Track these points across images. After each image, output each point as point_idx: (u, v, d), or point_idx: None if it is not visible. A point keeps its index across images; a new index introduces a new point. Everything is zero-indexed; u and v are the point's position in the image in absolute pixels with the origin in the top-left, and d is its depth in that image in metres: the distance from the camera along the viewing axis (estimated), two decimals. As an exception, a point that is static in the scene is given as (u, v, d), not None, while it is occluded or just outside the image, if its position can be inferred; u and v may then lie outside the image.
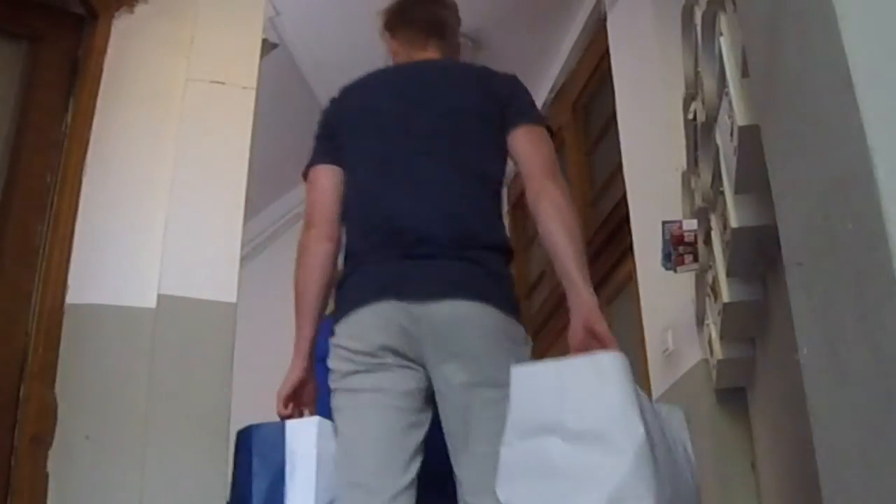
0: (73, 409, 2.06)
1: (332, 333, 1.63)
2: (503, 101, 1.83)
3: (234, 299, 2.33)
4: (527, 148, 1.76)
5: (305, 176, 1.82)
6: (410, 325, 1.54)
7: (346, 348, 1.57)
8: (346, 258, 1.71)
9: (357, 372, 1.56)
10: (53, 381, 2.07)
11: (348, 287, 1.64)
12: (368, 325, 1.56)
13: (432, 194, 1.67)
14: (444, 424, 1.55)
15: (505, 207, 5.10)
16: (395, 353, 1.55)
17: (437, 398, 1.56)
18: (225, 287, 2.33)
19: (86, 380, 2.11)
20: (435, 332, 1.54)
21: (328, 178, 1.77)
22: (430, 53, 1.94)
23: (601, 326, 1.54)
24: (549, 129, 1.84)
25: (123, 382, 2.14)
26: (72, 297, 2.16)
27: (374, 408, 1.54)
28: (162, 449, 2.10)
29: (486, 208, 1.73)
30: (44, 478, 1.98)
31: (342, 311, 1.61)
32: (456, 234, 1.62)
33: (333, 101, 1.93)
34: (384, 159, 1.72)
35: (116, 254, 2.26)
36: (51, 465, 2.00)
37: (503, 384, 1.45)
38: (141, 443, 2.08)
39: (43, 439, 2.01)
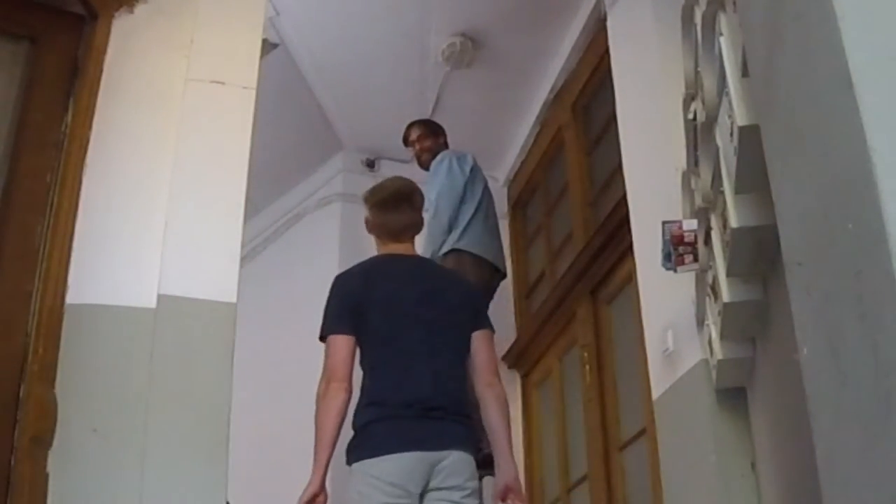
0: (72, 409, 2.06)
1: (355, 457, 2.31)
2: (475, 306, 2.67)
3: (234, 299, 2.33)
4: (484, 349, 2.56)
5: (324, 338, 2.48)
6: (426, 466, 2.27)
7: (381, 480, 2.23)
8: (370, 402, 2.37)
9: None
10: (53, 380, 2.07)
11: (382, 433, 2.30)
12: (399, 468, 2.25)
13: (441, 372, 2.41)
14: None
15: (504, 207, 5.11)
16: (410, 493, 2.25)
17: None
18: (225, 287, 2.33)
19: (86, 380, 2.11)
20: (442, 470, 2.29)
21: (348, 345, 2.43)
22: (408, 244, 2.71)
23: (519, 486, 2.52)
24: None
25: (123, 382, 2.14)
26: (72, 297, 2.16)
27: None
28: (162, 449, 2.10)
29: (465, 385, 2.50)
30: (44, 478, 1.98)
31: (377, 450, 2.27)
32: (453, 404, 2.40)
33: (351, 280, 2.58)
34: (406, 339, 2.42)
35: (116, 254, 2.26)
36: (51, 465, 2.00)
37: None
38: (141, 443, 2.08)
39: (43, 439, 2.01)
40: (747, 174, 1.71)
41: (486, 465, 3.96)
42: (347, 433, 2.39)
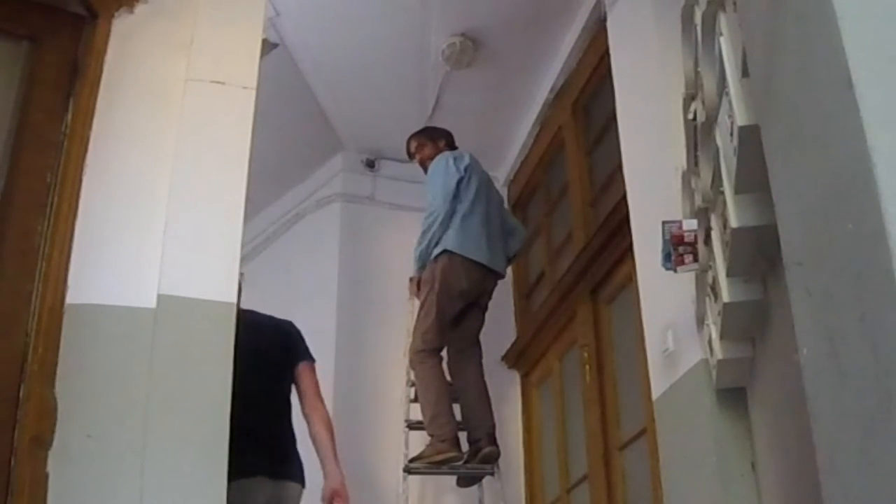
0: (73, 409, 2.06)
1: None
2: (294, 345, 3.24)
3: (234, 299, 2.33)
4: (306, 379, 3.18)
5: None
6: (272, 489, 2.92)
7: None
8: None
9: None
10: (53, 381, 2.07)
11: (238, 466, 2.57)
12: (254, 488, 2.84)
13: (274, 420, 3.05)
14: None
15: (505, 205, 5.12)
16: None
17: None
18: (225, 287, 2.33)
19: (86, 380, 2.11)
20: (279, 496, 2.93)
21: None
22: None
23: (345, 491, 3.02)
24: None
25: (123, 382, 2.14)
26: (72, 297, 2.16)
27: None
28: (162, 449, 2.10)
29: (291, 427, 3.14)
30: (44, 478, 1.98)
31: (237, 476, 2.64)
32: (284, 439, 3.08)
33: None
34: (251, 391, 2.61)
35: (116, 254, 2.26)
36: (51, 465, 2.00)
37: None
38: (141, 443, 2.08)
39: (43, 439, 2.01)
40: (747, 174, 1.71)
41: (485, 460, 3.97)
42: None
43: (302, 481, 3.04)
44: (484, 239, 4.16)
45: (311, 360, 3.23)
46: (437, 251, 4.10)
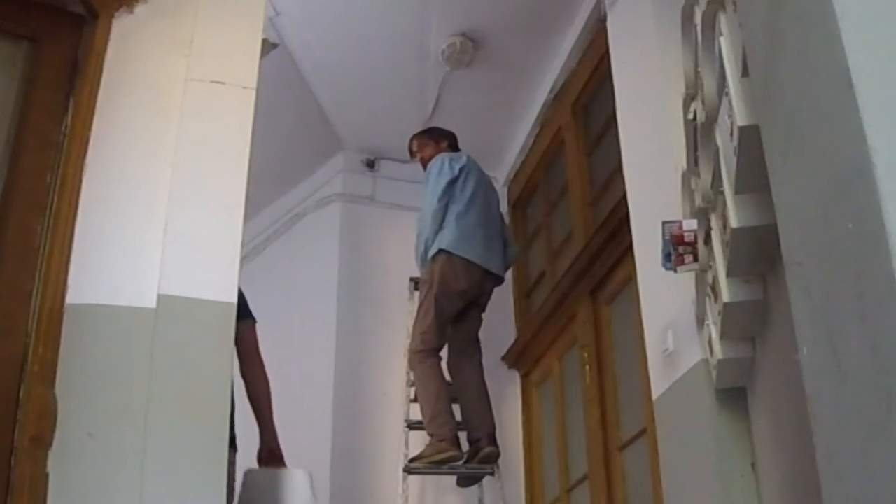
0: (72, 409, 2.06)
1: None
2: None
3: (234, 299, 2.33)
4: (244, 338, 2.96)
5: None
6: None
7: None
8: None
9: None
10: (53, 381, 2.07)
11: None
12: None
13: None
14: None
15: (504, 207, 5.13)
16: None
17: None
18: (225, 287, 2.33)
19: (86, 380, 2.11)
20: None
21: None
22: None
23: (279, 451, 3.06)
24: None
25: (123, 382, 2.14)
26: (72, 297, 2.16)
27: None
28: (162, 449, 2.10)
29: None
30: (44, 478, 1.98)
31: None
32: None
33: None
34: None
35: (116, 254, 2.26)
36: (51, 465, 2.00)
37: None
38: (141, 443, 2.08)
39: (43, 439, 2.01)
40: (747, 174, 1.71)
41: (485, 460, 3.97)
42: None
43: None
44: (480, 239, 4.16)
45: (253, 319, 3.13)
46: (433, 251, 4.11)
